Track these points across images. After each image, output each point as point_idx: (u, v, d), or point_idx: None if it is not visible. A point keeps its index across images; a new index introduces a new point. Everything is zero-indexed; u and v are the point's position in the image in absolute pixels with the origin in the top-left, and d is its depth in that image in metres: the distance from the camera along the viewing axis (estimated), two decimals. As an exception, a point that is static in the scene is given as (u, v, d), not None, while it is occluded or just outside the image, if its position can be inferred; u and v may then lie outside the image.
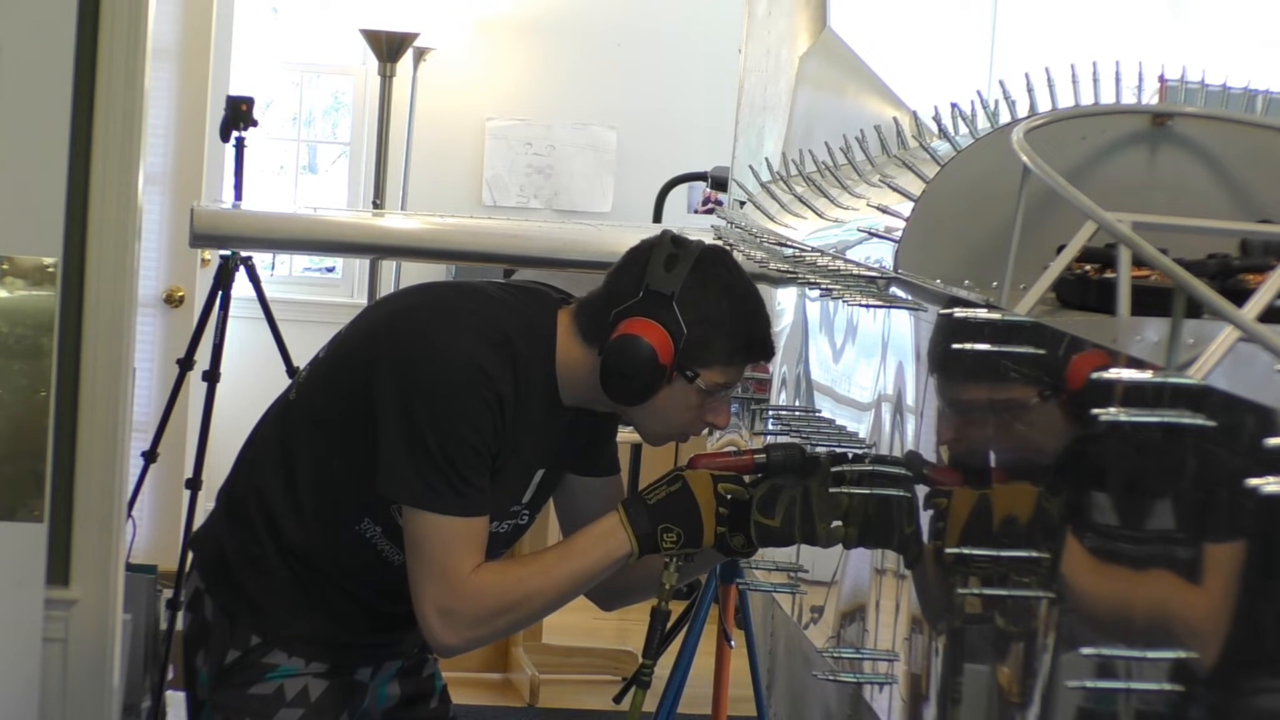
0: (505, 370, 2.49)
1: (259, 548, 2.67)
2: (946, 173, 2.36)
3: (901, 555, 2.34)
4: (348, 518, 2.61)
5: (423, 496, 2.48)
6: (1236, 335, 1.44)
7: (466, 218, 5.76)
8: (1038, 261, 1.98)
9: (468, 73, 7.59)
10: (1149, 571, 1.59)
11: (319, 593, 2.67)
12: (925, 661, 2.22)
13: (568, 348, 2.57)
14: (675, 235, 2.59)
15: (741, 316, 2.56)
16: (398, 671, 2.82)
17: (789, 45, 4.07)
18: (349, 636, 2.71)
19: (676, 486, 2.50)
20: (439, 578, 2.49)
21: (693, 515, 2.49)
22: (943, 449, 2.21)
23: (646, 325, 2.50)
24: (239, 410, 6.99)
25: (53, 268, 3.55)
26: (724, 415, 2.62)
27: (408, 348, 2.51)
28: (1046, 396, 1.85)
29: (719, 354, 2.54)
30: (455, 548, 2.48)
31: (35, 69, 3.56)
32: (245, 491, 2.70)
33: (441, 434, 2.46)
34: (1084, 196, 1.86)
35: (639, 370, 2.50)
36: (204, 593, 2.72)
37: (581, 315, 2.59)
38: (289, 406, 2.70)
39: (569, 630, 6.19)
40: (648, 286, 2.52)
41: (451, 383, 2.47)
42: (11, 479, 3.56)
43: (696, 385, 2.53)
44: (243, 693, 2.67)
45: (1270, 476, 1.27)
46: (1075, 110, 2.48)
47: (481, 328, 2.52)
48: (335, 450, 2.59)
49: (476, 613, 2.50)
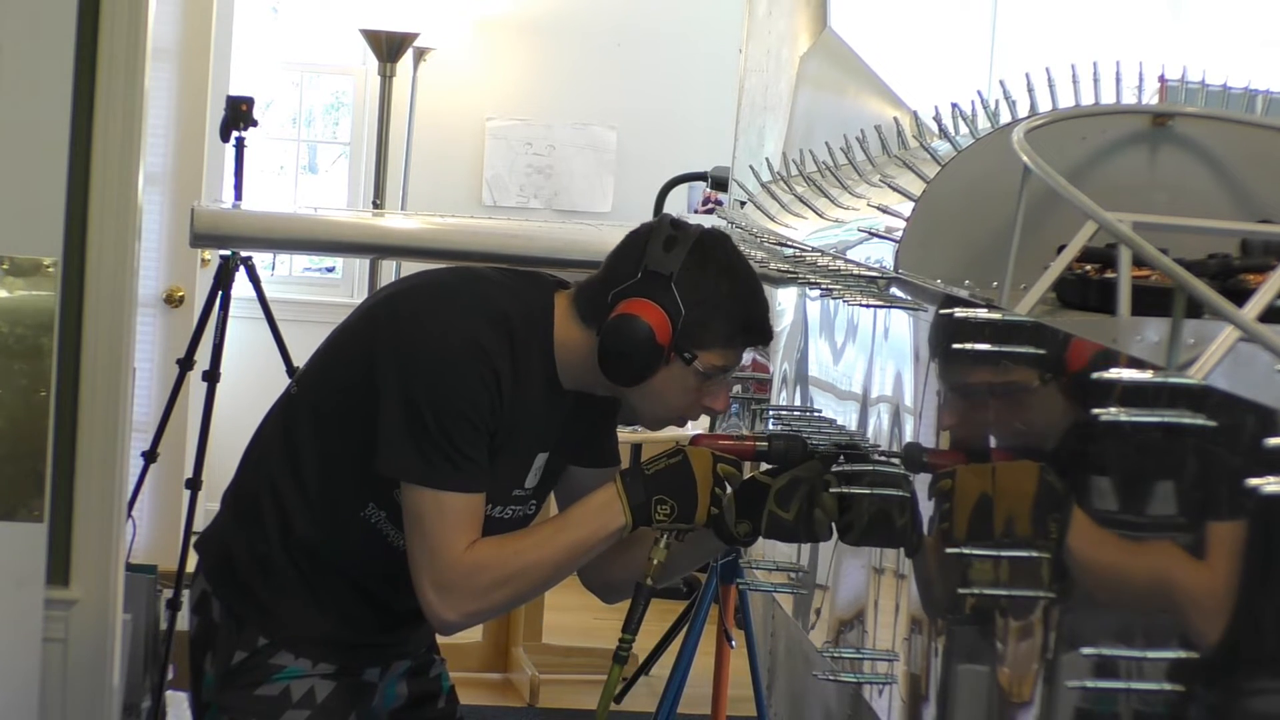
0: (502, 348, 2.51)
1: (266, 546, 2.67)
2: (947, 173, 2.36)
3: (905, 551, 2.34)
4: (353, 504, 2.61)
5: (420, 472, 2.49)
6: (1237, 335, 1.44)
7: (466, 218, 5.76)
8: (1038, 261, 1.98)
9: (468, 73, 7.59)
10: (1149, 570, 1.59)
11: (327, 591, 2.67)
12: (925, 661, 2.22)
13: (566, 329, 2.58)
14: (674, 219, 2.60)
15: (740, 298, 2.56)
16: (406, 671, 2.82)
17: (789, 45, 4.07)
18: (357, 636, 2.71)
19: (676, 459, 2.51)
20: (436, 553, 2.50)
21: (689, 489, 2.49)
22: (943, 448, 2.21)
23: (645, 305, 2.51)
24: (239, 410, 6.99)
25: (52, 267, 3.55)
26: (722, 399, 2.62)
27: (406, 327, 2.52)
28: (1047, 385, 1.85)
29: (717, 335, 2.54)
30: (452, 523, 2.49)
31: (35, 69, 3.56)
32: (252, 489, 2.71)
33: (439, 409, 2.47)
34: (1084, 196, 1.86)
35: (637, 350, 2.50)
36: (210, 595, 2.72)
37: (580, 297, 2.59)
38: (291, 400, 2.71)
39: (569, 630, 6.19)
40: (646, 267, 2.53)
41: (449, 359, 2.48)
42: (11, 479, 3.56)
43: (694, 367, 2.54)
44: (249, 694, 2.67)
45: (1270, 476, 1.27)
46: (1075, 110, 2.48)
47: (479, 306, 2.54)
48: (338, 437, 2.60)
49: (473, 587, 2.51)
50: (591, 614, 6.71)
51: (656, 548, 2.53)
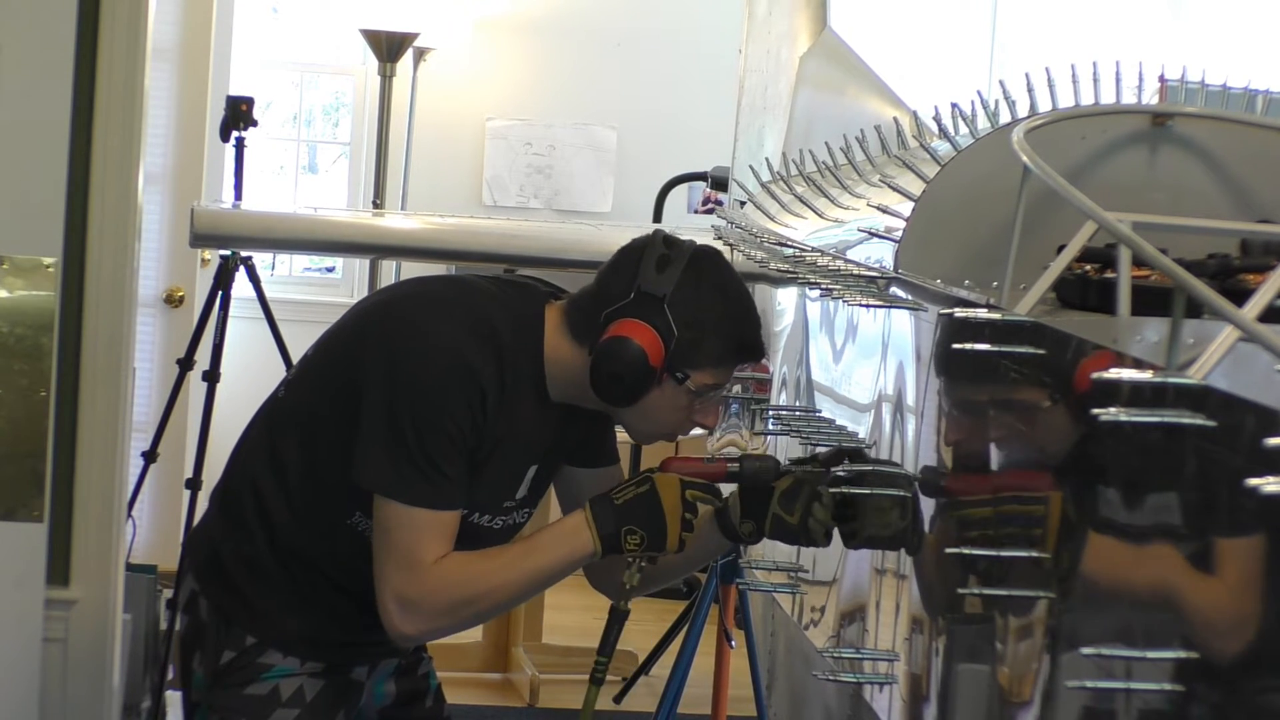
0: (489, 362, 2.50)
1: (252, 547, 2.67)
2: (947, 173, 2.37)
3: (907, 550, 2.34)
4: (338, 512, 2.61)
5: (393, 485, 2.49)
6: (1237, 335, 1.44)
7: (466, 218, 5.76)
8: (1038, 261, 1.98)
9: (468, 73, 7.59)
10: (1149, 570, 1.59)
11: (314, 591, 2.67)
12: (925, 661, 2.22)
13: (557, 344, 2.58)
14: (667, 235, 2.59)
15: (733, 319, 2.57)
16: (394, 670, 2.83)
17: (789, 45, 4.07)
18: (345, 635, 2.71)
19: (644, 489, 2.52)
20: (402, 567, 2.50)
21: (656, 519, 2.50)
22: (943, 448, 2.21)
23: (637, 327, 2.51)
24: (239, 410, 6.98)
25: (52, 267, 3.55)
26: (712, 416, 2.63)
27: (394, 336, 2.52)
28: (1050, 397, 1.85)
29: (709, 356, 2.54)
30: (421, 539, 2.49)
31: (35, 69, 3.56)
32: (238, 490, 2.71)
33: (418, 423, 2.47)
34: (1084, 196, 1.86)
35: (629, 372, 2.50)
36: (199, 594, 2.72)
37: (573, 312, 2.59)
38: (278, 404, 2.71)
39: (569, 630, 6.19)
40: (639, 288, 2.53)
41: (432, 372, 2.48)
42: (11, 479, 3.56)
43: (686, 387, 2.54)
44: (238, 693, 2.67)
45: (1270, 476, 1.27)
46: (1075, 110, 2.48)
47: (466, 319, 2.53)
48: (325, 445, 2.60)
49: (436, 605, 2.52)
50: (592, 614, 6.71)
51: (628, 573, 2.55)
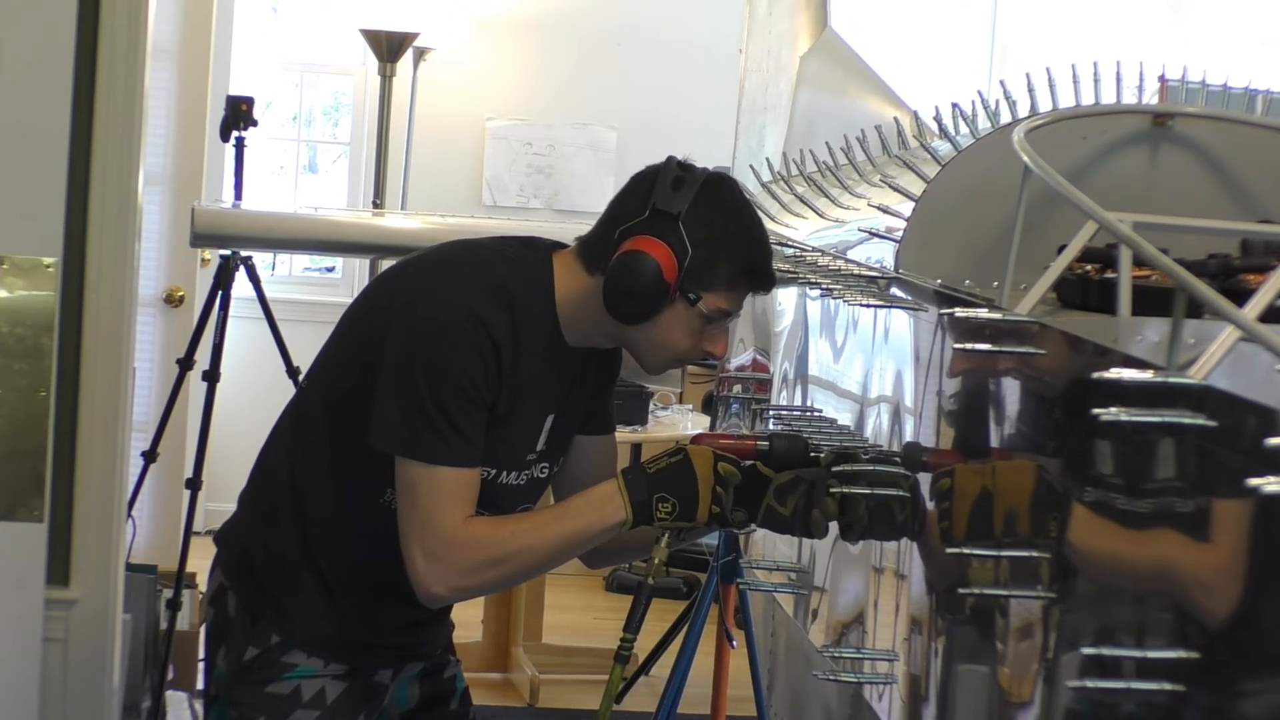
0: (501, 315, 2.51)
1: (283, 546, 2.67)
2: (947, 173, 2.37)
3: (910, 538, 2.34)
4: (370, 491, 2.60)
5: (411, 445, 2.48)
6: (1237, 335, 1.44)
7: (466, 218, 5.77)
8: (1038, 261, 1.98)
9: (468, 73, 7.59)
10: (1149, 570, 1.59)
11: (344, 592, 2.66)
12: (925, 661, 2.22)
13: (569, 282, 2.58)
14: (681, 160, 2.61)
15: (746, 241, 2.56)
16: (419, 673, 2.81)
17: (790, 45, 4.07)
18: (371, 637, 2.70)
19: (678, 458, 2.50)
20: (428, 525, 2.48)
21: (690, 488, 2.48)
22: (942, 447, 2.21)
23: (652, 243, 2.51)
24: (239, 410, 7.01)
25: (52, 267, 3.55)
26: (721, 344, 2.62)
27: (404, 299, 2.53)
28: (1049, 397, 1.85)
29: (723, 277, 2.54)
30: (445, 498, 2.48)
31: (35, 69, 3.56)
32: (269, 489, 2.70)
33: (434, 381, 2.47)
34: (1084, 196, 1.86)
35: (643, 287, 2.50)
36: (227, 589, 2.72)
37: (584, 248, 2.60)
38: (303, 395, 2.72)
39: (569, 630, 6.20)
40: (654, 206, 2.53)
41: (445, 330, 2.48)
42: (11, 479, 3.56)
43: (699, 309, 2.54)
44: (259, 690, 2.67)
45: (1270, 476, 1.27)
46: (1076, 110, 2.48)
47: (474, 274, 2.54)
48: (350, 423, 2.59)
49: (465, 563, 2.49)
50: (592, 614, 6.71)
51: (658, 546, 2.53)
